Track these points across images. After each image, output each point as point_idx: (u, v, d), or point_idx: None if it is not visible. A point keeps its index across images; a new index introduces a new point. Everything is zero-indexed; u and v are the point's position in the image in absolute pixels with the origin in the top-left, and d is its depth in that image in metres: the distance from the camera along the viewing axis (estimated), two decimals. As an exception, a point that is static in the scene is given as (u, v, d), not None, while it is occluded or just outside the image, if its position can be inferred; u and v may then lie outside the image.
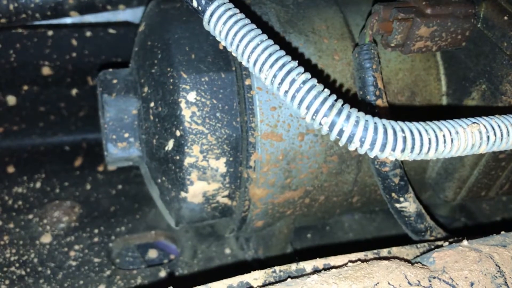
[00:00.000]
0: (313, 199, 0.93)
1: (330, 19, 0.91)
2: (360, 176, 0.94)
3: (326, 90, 0.60)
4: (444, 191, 0.99)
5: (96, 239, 1.13)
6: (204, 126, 0.83)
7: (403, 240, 0.91)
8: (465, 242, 0.76)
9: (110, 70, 0.97)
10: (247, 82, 0.83)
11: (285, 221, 0.98)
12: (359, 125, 0.58)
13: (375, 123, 0.59)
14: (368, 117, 0.60)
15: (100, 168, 1.30)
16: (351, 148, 0.60)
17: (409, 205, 0.87)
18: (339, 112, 0.59)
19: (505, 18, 0.81)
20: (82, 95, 1.29)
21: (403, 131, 0.59)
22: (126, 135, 0.93)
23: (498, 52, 0.81)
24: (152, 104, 0.88)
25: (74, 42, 1.22)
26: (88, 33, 1.22)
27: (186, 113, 0.83)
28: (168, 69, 0.85)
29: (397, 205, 0.87)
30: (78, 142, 1.35)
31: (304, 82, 0.60)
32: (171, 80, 0.84)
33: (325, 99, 0.59)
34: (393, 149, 0.59)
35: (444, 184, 0.98)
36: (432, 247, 0.82)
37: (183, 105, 0.83)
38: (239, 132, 0.85)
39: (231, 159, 0.86)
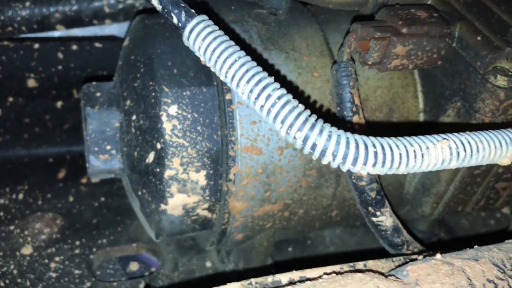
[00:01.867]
0: (292, 213, 0.95)
1: (311, 37, 0.93)
2: (339, 190, 0.95)
3: (300, 105, 0.62)
4: (421, 206, 1.00)
5: (77, 251, 1.13)
6: (184, 139, 0.85)
7: (382, 254, 0.93)
8: (438, 256, 0.77)
9: (94, 83, 0.99)
10: (227, 97, 0.84)
11: (264, 234, 0.99)
12: (331, 139, 0.60)
13: (347, 137, 0.61)
14: (341, 132, 0.61)
15: (84, 181, 1.30)
16: (324, 161, 0.61)
17: (385, 219, 0.89)
18: (312, 127, 0.60)
19: (478, 38, 0.84)
20: (67, 108, 1.30)
21: (374, 146, 0.61)
22: (108, 147, 0.94)
23: (472, 71, 0.83)
24: (134, 117, 0.89)
25: (60, 55, 1.23)
26: (74, 47, 1.23)
27: (167, 126, 0.84)
28: (150, 83, 0.86)
29: (374, 219, 0.89)
30: (62, 154, 1.35)
31: (279, 97, 0.62)
32: (153, 94, 0.85)
33: (299, 114, 0.61)
34: (364, 163, 0.61)
35: (422, 199, 1.00)
36: (408, 260, 0.83)
37: (164, 118, 0.84)
38: (220, 145, 0.86)
39: (211, 172, 0.88)
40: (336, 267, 0.79)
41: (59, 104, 1.29)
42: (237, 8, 0.94)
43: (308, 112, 0.62)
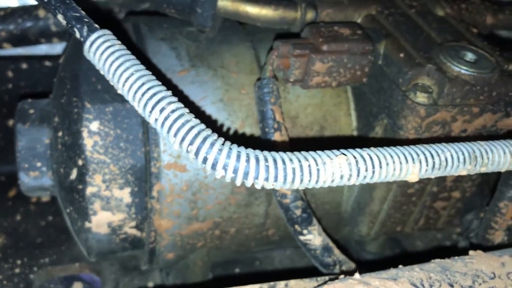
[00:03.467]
0: (223, 231, 0.93)
1: (241, 55, 0.93)
2: (271, 208, 0.94)
3: (194, 119, 0.62)
4: (358, 225, 0.99)
5: (17, 270, 1.11)
6: (106, 156, 0.84)
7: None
8: (356, 276, 0.76)
9: (29, 100, 0.99)
10: (150, 113, 0.84)
11: (198, 254, 0.97)
12: (222, 153, 0.59)
13: (238, 151, 0.60)
14: (234, 146, 0.61)
15: (34, 199, 1.29)
16: (217, 175, 0.61)
17: (313, 237, 0.88)
18: (204, 140, 0.60)
19: (401, 55, 0.84)
20: (19, 126, 1.30)
21: (266, 160, 0.60)
22: (39, 164, 0.94)
23: (395, 88, 0.83)
24: (60, 134, 0.89)
25: (10, 73, 1.23)
26: (24, 65, 1.24)
27: (88, 142, 0.84)
28: (74, 99, 0.86)
29: (302, 238, 0.87)
30: (14, 172, 1.34)
31: (173, 111, 0.61)
32: (76, 110, 0.85)
33: (192, 128, 0.60)
34: (256, 178, 0.60)
35: (357, 219, 0.98)
36: (327, 280, 0.82)
37: (85, 134, 0.84)
38: (143, 162, 0.86)
39: (136, 189, 0.87)
40: (255, 287, 0.78)
41: (10, 122, 1.29)
42: (169, 26, 0.95)
43: (202, 126, 0.61)
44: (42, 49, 1.27)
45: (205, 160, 0.60)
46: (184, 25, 0.94)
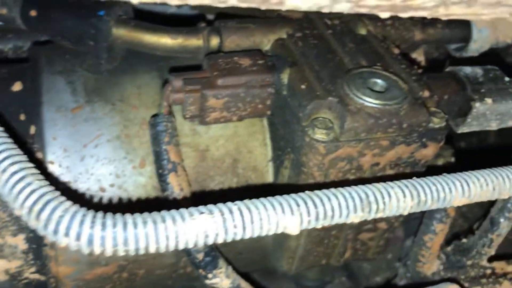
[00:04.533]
0: (132, 273, 0.88)
1: (145, 86, 0.88)
2: (183, 247, 0.89)
3: (38, 182, 0.57)
4: (278, 260, 0.94)
5: None
6: (-6, 203, 0.79)
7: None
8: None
9: None
10: (39, 155, 0.79)
11: (110, 296, 0.92)
12: (64, 219, 0.54)
13: (83, 216, 0.55)
14: (81, 210, 0.56)
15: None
16: (60, 243, 0.56)
17: (220, 281, 0.82)
18: (45, 205, 0.55)
19: (303, 86, 0.78)
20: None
21: (115, 225, 0.55)
22: None
23: (296, 122, 0.77)
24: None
25: None
26: None
27: (-28, 189, 0.79)
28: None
29: (208, 282, 0.82)
30: None
31: (14, 173, 0.56)
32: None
33: (32, 192, 0.55)
34: (102, 244, 0.55)
35: (277, 254, 0.93)
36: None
37: (-31, 181, 0.79)
38: (36, 207, 0.81)
39: (31, 235, 0.82)
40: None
41: None
42: (71, 57, 0.89)
43: (46, 189, 0.56)
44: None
45: (46, 225, 0.55)
46: (86, 56, 0.89)
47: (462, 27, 1.02)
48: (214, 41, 0.85)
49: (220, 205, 0.60)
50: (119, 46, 0.85)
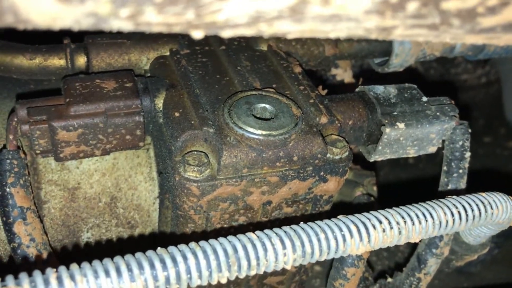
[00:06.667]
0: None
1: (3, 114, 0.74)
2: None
3: None
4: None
5: None
6: None
7: None
8: None
9: None
10: None
11: None
12: None
13: None
14: None
15: None
16: None
17: None
18: None
19: (176, 114, 0.66)
20: None
21: None
22: None
23: (169, 156, 0.65)
24: None
25: None
26: None
27: None
28: None
29: None
30: None
31: None
32: None
33: None
34: None
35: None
36: None
37: None
38: None
39: None
40: None
41: None
42: None
43: None
44: None
45: None
46: None
47: (382, 40, 0.92)
48: (80, 60, 0.73)
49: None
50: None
